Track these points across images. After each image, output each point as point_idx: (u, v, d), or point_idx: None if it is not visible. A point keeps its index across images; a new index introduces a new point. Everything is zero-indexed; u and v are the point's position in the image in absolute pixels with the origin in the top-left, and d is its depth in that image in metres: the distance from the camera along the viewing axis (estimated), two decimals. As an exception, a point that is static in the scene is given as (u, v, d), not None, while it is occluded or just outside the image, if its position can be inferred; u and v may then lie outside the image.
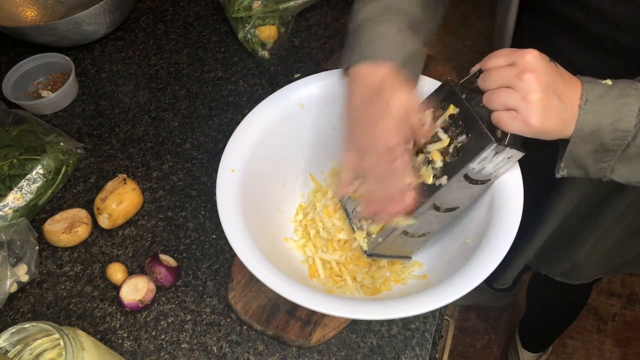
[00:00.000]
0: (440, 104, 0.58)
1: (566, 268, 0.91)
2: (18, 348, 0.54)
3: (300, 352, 0.67)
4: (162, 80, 1.00)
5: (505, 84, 0.49)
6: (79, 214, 0.79)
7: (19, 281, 0.73)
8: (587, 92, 0.49)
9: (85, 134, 0.92)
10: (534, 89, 0.47)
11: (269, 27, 1.01)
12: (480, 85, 0.52)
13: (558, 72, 0.50)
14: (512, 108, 0.49)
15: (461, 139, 0.54)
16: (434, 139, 0.57)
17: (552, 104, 0.48)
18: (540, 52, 0.49)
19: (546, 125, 0.48)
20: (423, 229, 0.62)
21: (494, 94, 0.50)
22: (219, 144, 0.89)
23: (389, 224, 0.60)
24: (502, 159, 0.54)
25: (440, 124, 0.57)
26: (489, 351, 1.57)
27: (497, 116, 0.50)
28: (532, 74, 0.47)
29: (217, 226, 0.79)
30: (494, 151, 0.52)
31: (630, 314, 1.59)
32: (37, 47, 1.02)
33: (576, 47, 0.63)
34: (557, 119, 0.48)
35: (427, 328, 0.68)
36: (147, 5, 1.14)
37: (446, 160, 0.55)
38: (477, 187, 0.57)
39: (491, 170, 0.55)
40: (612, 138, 0.48)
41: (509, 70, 0.49)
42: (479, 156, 0.52)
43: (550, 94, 0.48)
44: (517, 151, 0.54)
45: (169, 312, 0.71)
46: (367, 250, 0.63)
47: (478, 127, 0.53)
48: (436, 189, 0.56)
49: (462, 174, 0.54)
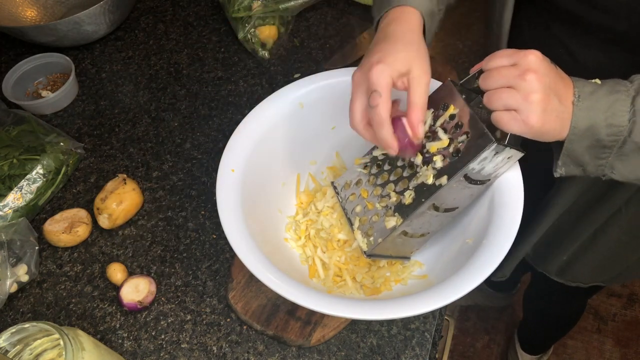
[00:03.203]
0: (440, 105, 0.58)
1: (562, 261, 0.91)
2: (18, 348, 0.54)
3: (300, 352, 0.67)
4: (162, 80, 1.00)
5: (507, 84, 0.49)
6: (79, 214, 0.79)
7: (19, 281, 0.73)
8: (579, 89, 0.49)
9: (85, 134, 0.92)
10: (536, 89, 0.47)
11: (269, 27, 1.01)
12: (481, 85, 0.52)
13: (558, 74, 0.50)
14: (512, 108, 0.49)
15: (461, 139, 0.54)
16: (434, 139, 0.57)
17: (553, 105, 0.48)
18: (542, 53, 0.49)
19: (545, 125, 0.49)
20: (422, 229, 0.62)
21: (495, 94, 0.50)
22: (219, 144, 0.89)
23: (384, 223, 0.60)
24: (502, 159, 0.54)
25: (440, 124, 0.57)
26: (489, 351, 1.57)
27: (498, 116, 0.50)
28: (535, 74, 0.48)
29: (217, 226, 0.79)
30: (493, 151, 0.52)
31: (630, 314, 1.59)
32: (37, 47, 1.02)
33: (576, 36, 0.64)
34: (557, 119, 0.49)
35: (427, 328, 0.68)
36: (147, 5, 1.14)
37: (446, 161, 0.55)
38: (476, 187, 0.57)
39: (491, 170, 0.55)
40: (607, 133, 0.49)
41: (511, 71, 0.49)
42: (479, 156, 0.52)
43: (551, 95, 0.48)
44: (517, 151, 0.54)
45: (169, 312, 0.71)
46: (367, 250, 0.63)
47: (478, 127, 0.53)
48: (436, 189, 0.56)
49: (462, 174, 0.54)
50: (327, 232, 0.70)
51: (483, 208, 0.60)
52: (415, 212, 0.58)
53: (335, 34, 1.05)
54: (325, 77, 0.70)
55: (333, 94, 0.69)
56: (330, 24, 1.07)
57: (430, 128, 0.58)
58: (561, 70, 0.51)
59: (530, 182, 0.59)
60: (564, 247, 0.88)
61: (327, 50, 1.02)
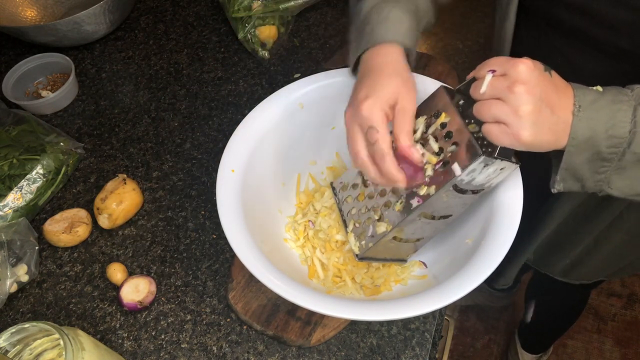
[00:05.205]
0: (433, 112, 0.57)
1: (566, 264, 0.91)
2: (18, 348, 0.54)
3: (300, 352, 0.67)
4: (162, 80, 1.00)
5: (496, 95, 0.48)
6: (79, 214, 0.79)
7: (19, 281, 0.73)
8: (580, 99, 0.48)
9: (85, 134, 0.92)
10: (525, 101, 0.46)
11: (269, 27, 1.01)
12: (472, 94, 0.50)
13: (552, 82, 0.48)
14: (501, 121, 0.47)
15: (450, 149, 0.53)
16: (425, 148, 0.56)
17: (544, 117, 0.47)
18: (534, 61, 0.48)
19: (538, 139, 0.47)
20: (416, 235, 0.62)
21: (484, 105, 0.48)
22: (219, 144, 0.89)
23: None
24: (494, 170, 0.53)
25: (432, 131, 0.56)
26: (489, 351, 1.57)
27: (487, 129, 0.49)
28: (524, 86, 0.46)
29: (217, 226, 0.79)
30: (482, 163, 0.51)
31: (630, 314, 1.59)
32: (37, 47, 1.02)
33: (575, 49, 0.63)
34: (549, 131, 0.47)
35: (427, 328, 0.68)
36: (147, 5, 1.14)
37: (435, 170, 0.55)
38: (468, 196, 0.56)
39: (483, 180, 0.54)
40: (607, 145, 0.47)
41: (500, 82, 0.47)
42: (467, 168, 0.51)
43: (542, 107, 0.46)
44: (510, 163, 0.52)
45: (169, 312, 0.71)
46: (359, 254, 0.63)
47: (467, 138, 0.52)
48: (425, 198, 0.55)
49: (450, 185, 0.53)
50: (325, 232, 0.70)
51: (483, 209, 0.60)
52: (405, 220, 0.57)
53: (335, 34, 1.05)
54: (325, 77, 0.70)
55: (333, 94, 0.69)
56: (330, 24, 1.07)
57: (423, 135, 0.57)
58: (558, 77, 0.49)
59: (530, 188, 0.59)
60: (567, 252, 0.88)
61: (327, 50, 1.02)
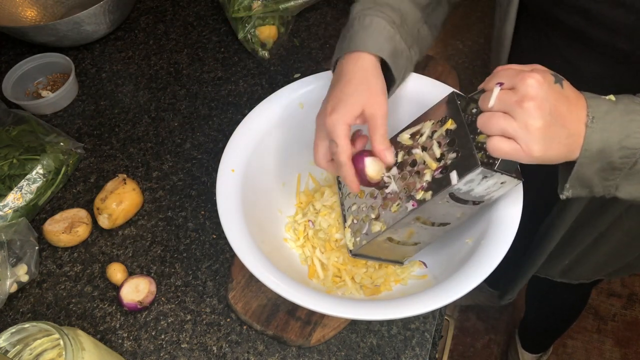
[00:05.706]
0: (441, 117, 0.56)
1: (564, 265, 0.91)
2: (18, 348, 0.54)
3: (300, 352, 0.67)
4: (162, 80, 1.00)
5: (504, 109, 0.47)
6: (78, 214, 0.79)
7: (19, 281, 0.73)
8: (593, 110, 0.47)
9: (85, 134, 0.92)
10: (535, 117, 0.45)
11: (269, 27, 1.01)
12: (480, 105, 0.50)
13: (562, 95, 0.47)
14: (510, 136, 0.46)
15: (451, 157, 0.53)
16: (427, 152, 0.56)
17: (554, 131, 0.46)
18: (544, 73, 0.47)
19: (548, 153, 0.46)
20: (413, 239, 0.61)
21: (491, 119, 0.47)
22: (219, 144, 0.89)
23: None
24: (494, 183, 0.52)
25: (437, 137, 0.56)
26: (489, 351, 1.57)
27: (495, 143, 0.47)
28: (533, 101, 0.45)
29: (217, 226, 0.79)
30: (480, 175, 0.50)
31: (630, 314, 1.59)
32: (37, 47, 1.02)
33: (575, 49, 0.62)
34: (560, 145, 0.46)
35: (427, 328, 0.68)
36: (147, 5, 1.14)
37: (434, 176, 0.54)
38: (467, 207, 0.56)
39: (482, 192, 0.54)
40: (620, 156, 0.47)
41: (509, 96, 0.46)
42: (464, 177, 0.51)
43: (551, 122, 0.45)
44: (512, 178, 0.52)
45: (169, 312, 0.71)
46: (352, 250, 0.63)
47: (469, 147, 0.51)
48: (420, 203, 0.55)
49: (447, 192, 0.53)
50: (325, 232, 0.70)
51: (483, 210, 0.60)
52: (399, 222, 0.57)
53: (335, 34, 1.05)
54: (325, 77, 0.70)
55: (333, 94, 0.69)
56: (330, 24, 1.07)
57: (428, 139, 0.57)
58: (570, 88, 0.48)
59: (533, 201, 0.59)
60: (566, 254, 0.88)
61: (327, 50, 1.02)
